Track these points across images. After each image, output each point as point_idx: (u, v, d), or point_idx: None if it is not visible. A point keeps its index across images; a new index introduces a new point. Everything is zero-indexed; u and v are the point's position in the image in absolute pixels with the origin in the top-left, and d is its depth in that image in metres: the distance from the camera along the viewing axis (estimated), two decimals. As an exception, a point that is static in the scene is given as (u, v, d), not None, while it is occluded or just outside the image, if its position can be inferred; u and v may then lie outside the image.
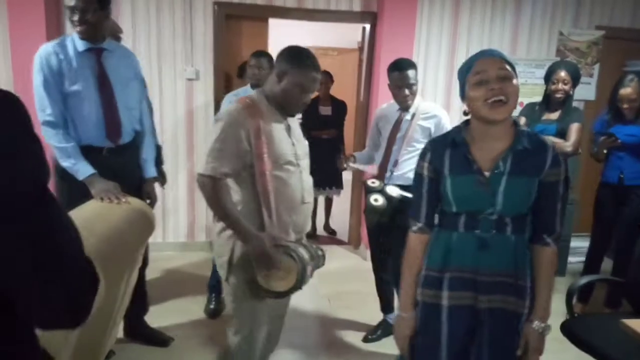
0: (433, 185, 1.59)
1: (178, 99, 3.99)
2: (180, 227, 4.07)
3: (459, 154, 1.53)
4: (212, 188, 1.82)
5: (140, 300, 2.64)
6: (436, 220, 1.63)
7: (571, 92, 3.20)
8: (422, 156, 1.63)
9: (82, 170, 2.24)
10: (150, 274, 3.00)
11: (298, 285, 1.87)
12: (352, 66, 6.17)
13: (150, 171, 2.59)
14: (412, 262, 1.63)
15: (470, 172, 1.51)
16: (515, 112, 2.25)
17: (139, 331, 2.77)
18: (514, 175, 1.48)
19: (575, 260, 3.99)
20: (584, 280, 2.41)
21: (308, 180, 2.03)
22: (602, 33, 4.25)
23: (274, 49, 2.07)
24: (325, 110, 4.56)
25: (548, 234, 1.53)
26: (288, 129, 1.97)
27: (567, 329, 2.20)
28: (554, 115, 3.23)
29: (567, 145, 3.08)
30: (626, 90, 2.99)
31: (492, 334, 1.52)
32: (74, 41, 2.25)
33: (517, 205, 1.50)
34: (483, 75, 1.46)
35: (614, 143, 3.02)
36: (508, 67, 1.47)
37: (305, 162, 2.02)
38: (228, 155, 1.81)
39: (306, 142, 2.10)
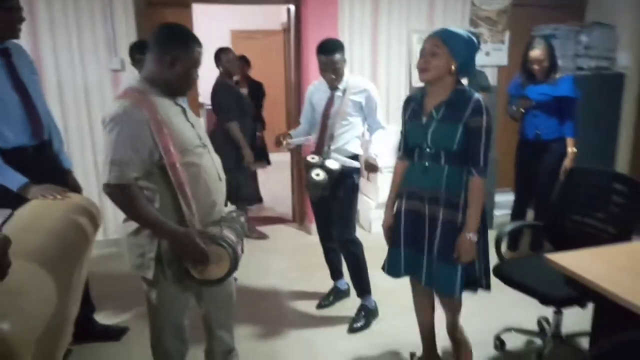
0: (404, 127, 2.20)
1: (105, 91, 3.88)
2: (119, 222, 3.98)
3: (416, 105, 2.12)
4: (123, 196, 1.74)
5: (86, 299, 2.61)
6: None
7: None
8: (402, 107, 2.23)
9: (15, 180, 2.17)
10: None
11: (233, 269, 1.89)
12: (278, 48, 6.22)
13: (67, 162, 2.60)
14: (394, 179, 2.27)
15: (418, 118, 2.09)
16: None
17: (90, 331, 2.74)
18: (441, 121, 2.01)
19: (500, 213, 4.35)
20: (509, 227, 2.67)
21: (217, 157, 2.01)
22: (510, 1, 4.57)
23: (200, 35, 2.05)
24: (242, 92, 4.61)
25: (473, 167, 1.98)
26: (184, 112, 1.91)
27: (498, 272, 2.45)
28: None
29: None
30: (535, 52, 3.28)
31: (440, 234, 2.05)
32: None
33: (442, 143, 2.01)
34: (422, 50, 2.01)
35: (528, 104, 3.31)
36: (442, 43, 1.96)
37: (208, 141, 1.99)
38: (133, 158, 1.71)
39: (202, 120, 2.06)
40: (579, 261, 1.83)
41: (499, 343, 2.64)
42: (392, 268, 2.22)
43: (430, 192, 2.06)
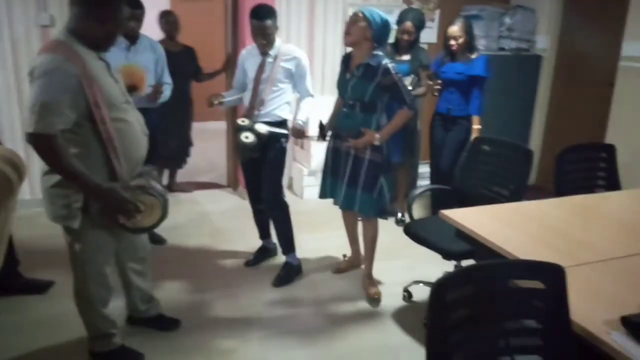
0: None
1: (33, 48, 3.77)
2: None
3: (346, 64, 2.75)
4: (49, 147, 1.74)
5: (10, 253, 2.63)
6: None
7: (416, 38, 3.69)
8: (340, 62, 2.83)
9: None
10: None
11: (164, 216, 2.02)
12: (219, 12, 6.16)
13: None
14: (334, 108, 2.97)
15: (344, 74, 2.75)
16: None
17: (16, 284, 2.78)
18: (359, 78, 2.65)
19: (425, 183, 4.65)
20: (418, 191, 2.94)
21: (139, 114, 2.09)
22: (442, -19, 4.79)
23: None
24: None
25: (404, 104, 2.65)
26: (108, 67, 1.96)
27: (408, 231, 2.70)
28: (406, 57, 3.72)
29: (421, 90, 3.66)
30: (452, 28, 3.51)
31: (351, 166, 2.74)
32: None
33: (358, 95, 2.66)
34: (349, 20, 2.65)
35: (437, 85, 3.42)
36: (360, 15, 2.57)
37: (130, 98, 2.07)
38: (62, 109, 1.73)
39: (120, 76, 2.10)
40: (469, 217, 2.08)
41: (407, 294, 2.92)
42: (321, 192, 2.98)
43: (347, 132, 2.73)
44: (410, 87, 3.47)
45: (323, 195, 2.99)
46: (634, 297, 1.48)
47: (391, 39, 3.77)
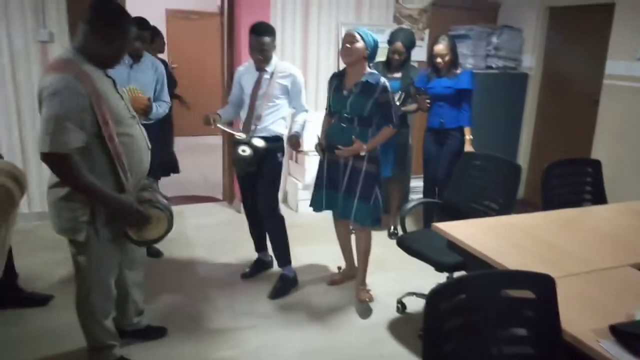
0: (330, 95, 2.95)
1: (32, 64, 3.83)
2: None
3: (340, 81, 2.90)
4: (64, 166, 1.79)
5: (9, 266, 2.65)
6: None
7: (406, 57, 3.83)
8: (329, 81, 3.00)
9: None
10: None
11: (170, 228, 2.10)
12: (214, 30, 6.27)
13: None
14: (324, 125, 3.07)
15: (340, 91, 2.87)
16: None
17: (16, 297, 2.79)
18: (358, 95, 2.80)
19: (417, 197, 4.74)
20: (411, 204, 3.01)
21: (143, 128, 2.15)
22: (431, 1, 4.94)
23: (133, 12, 2.17)
24: None
25: (390, 123, 2.85)
26: (114, 84, 2.02)
27: (401, 243, 2.77)
28: (397, 74, 3.85)
29: (412, 107, 3.83)
30: (438, 47, 3.64)
31: (349, 176, 2.88)
32: None
33: (358, 111, 2.81)
34: (343, 41, 2.80)
35: (425, 102, 3.64)
36: (357, 36, 2.74)
37: (134, 112, 2.14)
38: (75, 127, 1.78)
39: (124, 90, 2.19)
40: (460, 229, 2.16)
41: (401, 306, 2.98)
42: (315, 205, 3.04)
43: (344, 146, 2.83)
44: (397, 103, 3.58)
45: (318, 208, 3.04)
46: (621, 306, 1.55)
47: (383, 58, 3.90)
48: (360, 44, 2.74)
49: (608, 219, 2.50)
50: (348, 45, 2.75)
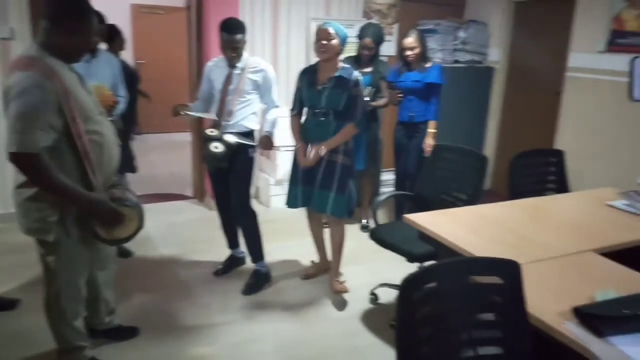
0: (300, 92, 2.98)
1: (-8, 60, 3.71)
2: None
3: (312, 76, 2.90)
4: (33, 165, 1.75)
5: None
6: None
7: (376, 52, 3.87)
8: (298, 77, 3.00)
9: None
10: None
11: (140, 227, 2.07)
12: (181, 25, 6.19)
13: None
14: (294, 130, 3.04)
15: (314, 86, 2.88)
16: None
17: None
18: (332, 89, 2.83)
19: (387, 190, 4.79)
20: (382, 197, 3.06)
21: (111, 124, 2.11)
22: (399, -3, 4.99)
23: (96, 7, 2.12)
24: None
25: (352, 120, 2.85)
26: (80, 78, 1.98)
27: (374, 235, 2.81)
28: (368, 69, 3.88)
29: (382, 102, 3.92)
30: (408, 40, 3.70)
31: (324, 170, 2.90)
32: None
33: (333, 104, 2.83)
34: (318, 36, 2.81)
35: (398, 96, 3.76)
36: (333, 32, 2.76)
37: (102, 108, 2.10)
38: (43, 126, 1.74)
39: (92, 88, 2.13)
40: (431, 220, 2.20)
41: (374, 297, 3.02)
42: (291, 202, 3.03)
43: (320, 140, 2.87)
44: (367, 98, 3.62)
45: (293, 204, 3.04)
46: (584, 289, 1.61)
47: (354, 53, 3.93)
48: (336, 41, 2.77)
49: (571, 206, 2.59)
50: (324, 42, 2.76)
